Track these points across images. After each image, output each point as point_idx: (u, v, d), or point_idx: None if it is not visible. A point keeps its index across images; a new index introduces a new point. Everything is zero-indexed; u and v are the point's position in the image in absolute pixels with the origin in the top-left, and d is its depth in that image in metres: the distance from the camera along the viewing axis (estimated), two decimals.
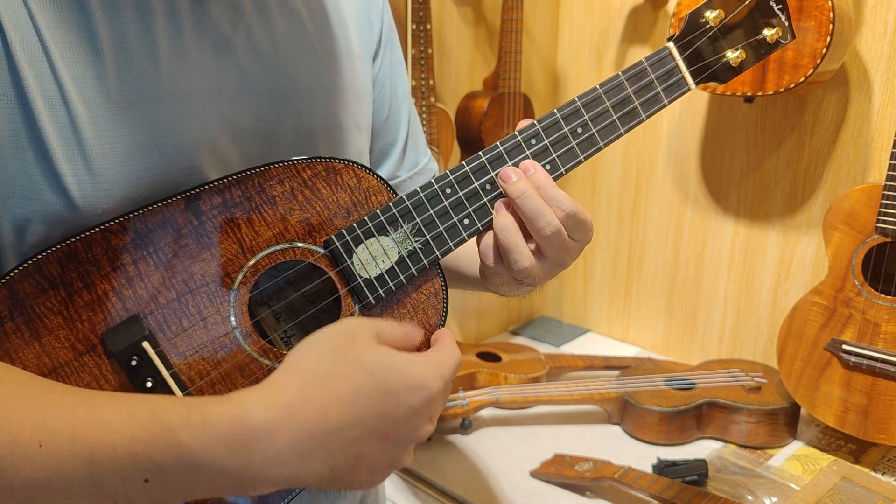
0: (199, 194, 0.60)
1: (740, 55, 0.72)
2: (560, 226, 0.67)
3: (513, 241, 0.67)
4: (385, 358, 0.56)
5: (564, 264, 0.71)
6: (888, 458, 1.30)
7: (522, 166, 0.68)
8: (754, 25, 0.72)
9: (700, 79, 0.72)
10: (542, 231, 0.67)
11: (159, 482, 0.50)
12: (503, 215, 0.68)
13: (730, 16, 0.71)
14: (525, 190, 0.66)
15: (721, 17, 0.71)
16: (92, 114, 0.57)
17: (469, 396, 1.42)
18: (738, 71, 0.72)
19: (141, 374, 0.57)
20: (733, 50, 0.72)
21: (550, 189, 0.67)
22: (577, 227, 0.69)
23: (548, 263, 0.70)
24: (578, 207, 0.68)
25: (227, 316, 0.61)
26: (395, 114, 0.87)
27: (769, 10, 0.71)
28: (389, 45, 0.85)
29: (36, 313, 0.55)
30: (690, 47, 0.71)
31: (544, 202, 0.67)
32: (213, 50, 0.64)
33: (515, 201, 0.67)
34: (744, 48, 0.72)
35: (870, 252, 1.23)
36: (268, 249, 0.62)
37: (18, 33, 0.54)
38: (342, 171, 0.65)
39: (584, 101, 0.69)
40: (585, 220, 0.69)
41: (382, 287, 0.65)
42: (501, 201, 0.68)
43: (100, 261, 0.57)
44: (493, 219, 0.68)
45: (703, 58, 0.72)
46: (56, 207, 0.56)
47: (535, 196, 0.66)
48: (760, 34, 0.72)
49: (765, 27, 0.71)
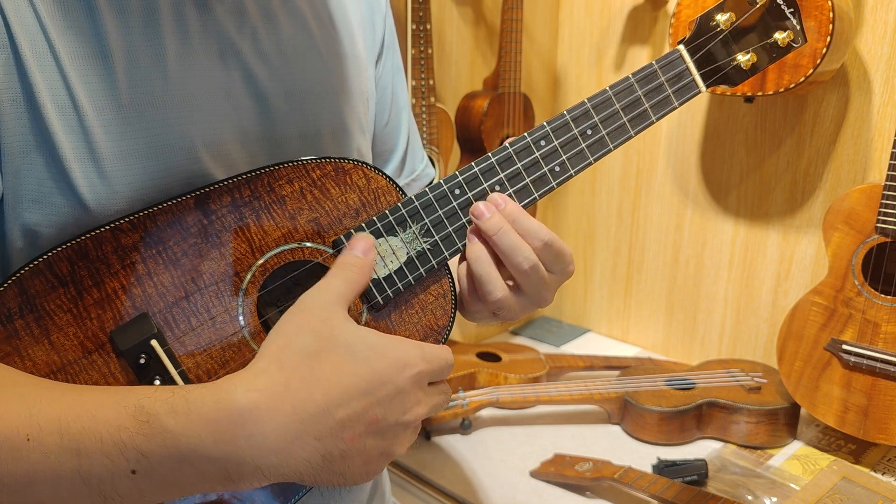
0: (209, 193, 0.61)
1: (751, 58, 0.72)
2: (537, 261, 0.66)
3: (485, 272, 0.66)
4: (362, 336, 0.56)
5: (544, 300, 0.70)
6: (888, 458, 1.31)
7: (492, 200, 0.67)
8: (766, 29, 0.72)
9: (711, 81, 0.72)
10: (520, 266, 0.66)
11: (146, 473, 0.50)
12: (475, 245, 0.67)
13: (741, 19, 0.71)
14: (500, 226, 0.65)
15: (732, 20, 0.71)
16: (102, 118, 0.57)
17: (469, 396, 1.42)
18: (749, 74, 0.72)
19: (149, 372, 0.57)
20: (744, 53, 0.72)
21: (525, 221, 0.66)
22: (555, 258, 0.68)
23: (525, 299, 0.69)
24: (555, 237, 0.67)
25: (235, 315, 0.61)
26: (395, 120, 0.87)
27: (781, 13, 0.71)
28: (391, 50, 0.85)
29: (46, 310, 0.55)
30: (701, 50, 0.71)
31: (520, 236, 0.66)
32: (220, 54, 0.64)
33: (492, 238, 0.66)
34: (755, 51, 0.72)
35: (870, 252, 1.23)
36: (277, 249, 0.62)
37: (28, 38, 0.54)
38: (351, 172, 0.65)
39: (593, 103, 0.69)
40: (563, 251, 0.68)
41: (391, 287, 0.65)
42: (472, 230, 0.67)
43: (109, 259, 0.57)
44: (466, 248, 0.67)
45: (714, 60, 0.72)
46: (67, 211, 0.57)
47: (510, 231, 0.66)
48: (772, 37, 0.72)
49: (776, 30, 0.71)
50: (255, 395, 0.51)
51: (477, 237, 0.67)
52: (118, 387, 0.54)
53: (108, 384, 0.57)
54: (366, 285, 0.62)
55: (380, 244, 0.65)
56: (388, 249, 0.65)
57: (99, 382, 0.57)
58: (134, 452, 0.49)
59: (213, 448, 0.50)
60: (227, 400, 0.51)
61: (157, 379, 0.57)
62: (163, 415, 0.50)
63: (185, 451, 0.50)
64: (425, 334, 0.67)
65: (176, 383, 0.58)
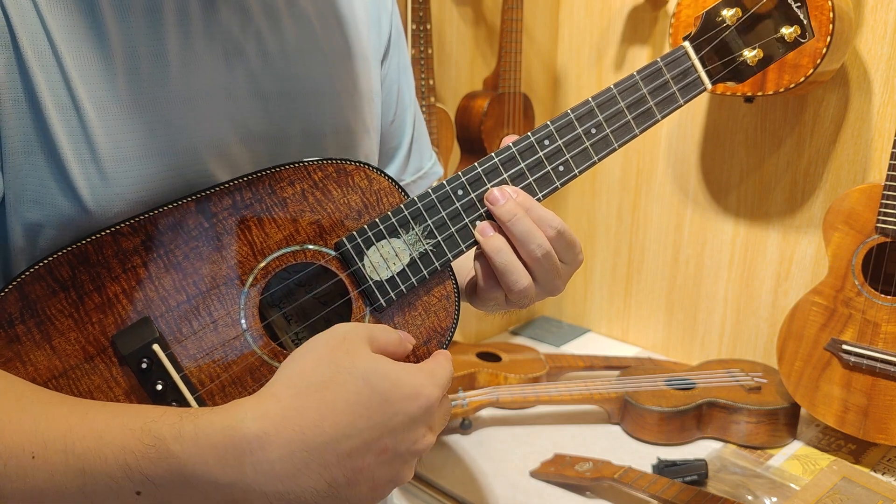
0: (210, 196, 0.60)
1: (758, 54, 0.71)
2: (551, 248, 0.66)
3: (509, 262, 0.66)
4: (380, 366, 0.55)
5: (556, 288, 0.70)
6: (888, 458, 1.31)
7: (504, 188, 0.66)
8: (772, 23, 0.70)
9: (716, 78, 0.71)
10: (534, 253, 0.65)
11: (150, 495, 0.50)
12: (494, 238, 0.66)
13: (747, 14, 0.70)
14: (515, 212, 0.65)
15: (738, 16, 0.70)
16: (103, 118, 0.57)
17: (469, 396, 1.42)
18: (755, 70, 0.71)
19: (151, 376, 0.57)
20: (750, 49, 0.71)
21: (537, 209, 0.66)
22: (567, 247, 0.67)
23: (538, 286, 0.68)
24: (566, 226, 0.67)
25: (237, 318, 0.60)
26: (400, 117, 0.87)
27: (787, 7, 0.70)
28: (397, 48, 0.85)
29: (47, 315, 0.55)
30: (706, 46, 0.70)
31: (534, 223, 0.66)
32: (223, 54, 0.64)
33: (506, 224, 0.65)
34: (761, 47, 0.71)
35: (870, 252, 1.23)
36: (278, 251, 0.62)
37: (30, 39, 0.54)
38: (353, 173, 0.65)
39: (598, 102, 0.69)
40: (573, 240, 0.68)
41: (394, 290, 0.65)
42: (485, 224, 0.67)
43: (110, 263, 0.57)
44: (483, 242, 0.66)
45: (720, 57, 0.71)
46: (67, 212, 0.56)
47: (524, 217, 0.65)
48: (778, 32, 0.70)
49: (783, 25, 0.70)
50: (265, 423, 0.51)
51: (492, 230, 0.66)
52: (126, 406, 0.53)
53: (111, 388, 0.57)
54: (397, 355, 0.61)
55: (382, 246, 0.65)
56: (390, 251, 0.65)
57: (101, 387, 0.56)
58: (139, 475, 0.49)
59: (220, 474, 0.50)
60: (236, 427, 0.50)
61: (159, 383, 0.57)
62: (169, 439, 0.49)
63: (190, 477, 0.49)
64: (429, 336, 0.67)
65: (178, 388, 0.58)
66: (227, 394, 0.59)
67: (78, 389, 0.56)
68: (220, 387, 0.59)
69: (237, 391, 0.60)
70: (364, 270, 0.64)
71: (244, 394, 0.60)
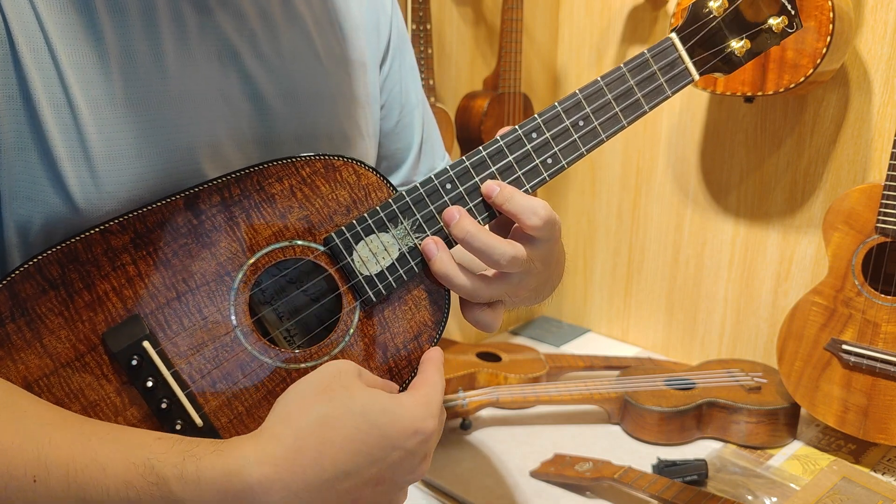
0: (199, 193, 0.60)
1: (745, 45, 0.70)
2: (514, 253, 0.63)
3: (483, 242, 0.63)
4: (377, 401, 0.57)
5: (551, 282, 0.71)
6: (888, 458, 1.30)
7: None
8: (759, 14, 0.70)
9: (704, 69, 0.71)
10: (498, 264, 0.63)
11: None
12: (437, 260, 0.64)
13: (734, 5, 0.69)
14: (468, 230, 0.63)
15: (725, 7, 0.69)
16: (96, 117, 0.57)
17: (469, 396, 1.42)
18: (743, 61, 0.71)
19: (142, 373, 0.57)
20: (738, 40, 0.70)
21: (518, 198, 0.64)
22: (551, 227, 0.64)
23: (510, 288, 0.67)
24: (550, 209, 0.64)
25: (227, 314, 0.61)
26: (407, 118, 0.86)
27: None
28: (399, 51, 0.84)
29: (37, 314, 0.55)
30: (694, 37, 0.70)
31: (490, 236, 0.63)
32: (218, 56, 0.64)
33: (462, 243, 0.64)
34: (749, 38, 0.70)
35: (870, 252, 1.23)
36: (268, 248, 0.62)
37: (25, 36, 0.54)
38: (341, 168, 0.65)
39: (585, 94, 0.68)
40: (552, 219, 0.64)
41: (383, 283, 0.65)
42: (428, 242, 0.65)
43: (100, 261, 0.57)
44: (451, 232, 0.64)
45: (707, 48, 0.70)
46: (59, 209, 0.57)
47: (479, 233, 0.63)
48: (766, 23, 0.70)
49: (770, 16, 0.70)
50: (267, 469, 0.52)
51: (435, 250, 0.64)
52: (128, 433, 0.54)
53: (102, 386, 0.57)
54: (391, 388, 0.63)
55: (371, 241, 0.65)
56: (379, 246, 0.65)
57: (92, 385, 0.56)
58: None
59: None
60: (238, 473, 0.51)
61: (149, 380, 0.57)
62: (172, 480, 0.50)
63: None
64: (419, 330, 0.67)
65: (168, 384, 0.58)
66: (218, 389, 0.60)
67: (69, 387, 0.56)
68: (211, 382, 0.60)
69: (227, 387, 0.60)
70: (353, 265, 0.64)
71: (234, 389, 0.60)
